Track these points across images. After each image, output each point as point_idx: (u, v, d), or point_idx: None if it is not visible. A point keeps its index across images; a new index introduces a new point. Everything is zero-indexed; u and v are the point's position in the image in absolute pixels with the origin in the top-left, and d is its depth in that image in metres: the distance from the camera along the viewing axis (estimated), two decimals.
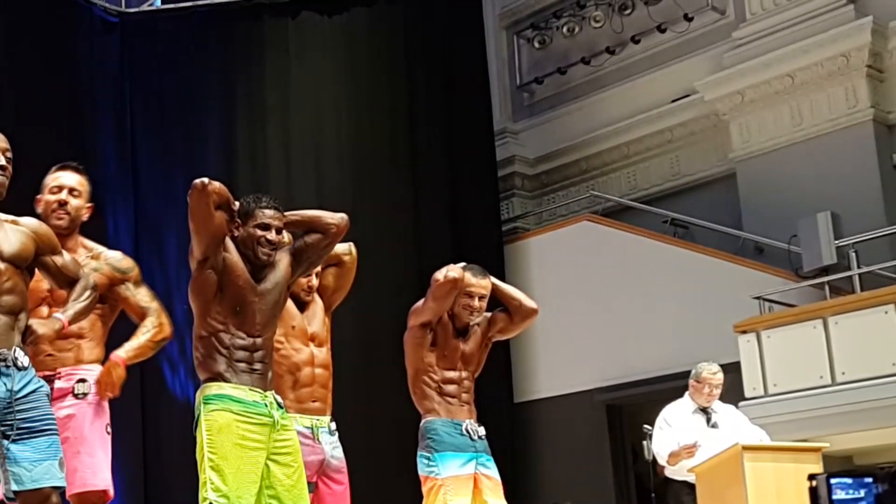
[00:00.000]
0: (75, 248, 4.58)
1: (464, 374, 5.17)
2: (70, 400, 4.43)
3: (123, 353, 4.41)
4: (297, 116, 10.12)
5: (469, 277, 5.10)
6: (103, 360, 4.55)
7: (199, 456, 4.17)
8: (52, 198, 4.56)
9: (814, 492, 5.44)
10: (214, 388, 4.21)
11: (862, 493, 4.90)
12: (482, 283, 5.14)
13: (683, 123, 12.22)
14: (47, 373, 4.33)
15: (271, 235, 4.31)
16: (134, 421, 8.81)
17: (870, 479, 4.97)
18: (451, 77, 11.43)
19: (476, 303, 5.13)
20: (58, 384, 4.39)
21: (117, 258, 4.67)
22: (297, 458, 4.36)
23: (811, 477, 5.25)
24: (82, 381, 4.47)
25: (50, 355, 4.40)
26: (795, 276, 10.23)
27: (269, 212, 4.33)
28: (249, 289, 4.29)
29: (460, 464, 5.05)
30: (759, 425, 7.42)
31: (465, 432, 5.08)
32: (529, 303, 5.26)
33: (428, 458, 5.07)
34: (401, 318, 5.29)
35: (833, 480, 4.82)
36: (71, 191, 4.60)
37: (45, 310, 4.36)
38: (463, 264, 5.20)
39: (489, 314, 5.27)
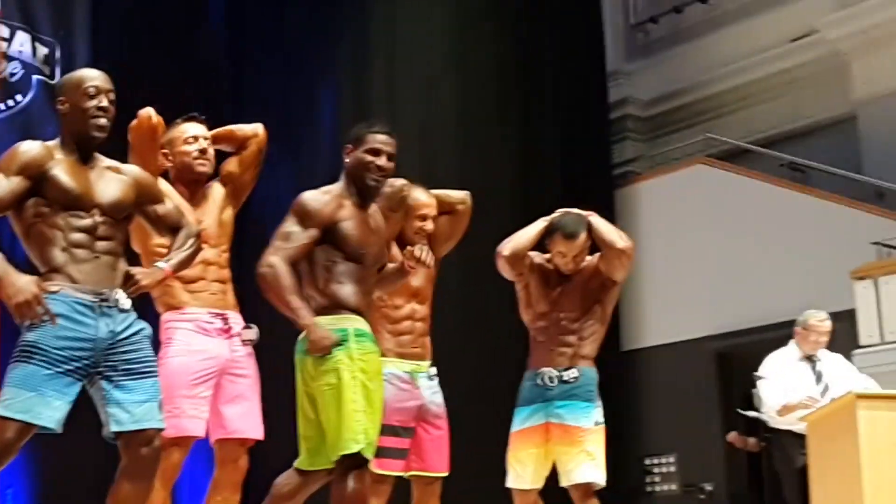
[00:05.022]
0: (208, 197, 4.66)
1: (562, 314, 5.02)
2: (236, 342, 4.52)
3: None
4: (403, 58, 10.03)
5: (558, 237, 4.98)
6: None
7: (346, 387, 3.93)
8: (191, 148, 4.59)
9: None
10: (361, 324, 4.07)
11: None
12: (575, 244, 4.97)
13: (803, 63, 11.90)
14: (219, 311, 4.48)
15: (382, 161, 4.17)
16: None
17: None
18: (563, 17, 11.21)
19: (569, 260, 5.01)
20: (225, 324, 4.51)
21: None
22: None
23: None
24: (249, 327, 4.58)
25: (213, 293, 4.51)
26: None
27: (380, 136, 4.19)
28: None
29: (524, 418, 4.99)
30: (874, 374, 7.25)
31: (540, 382, 4.96)
32: (618, 243, 4.99)
33: None
34: None
35: None
36: (206, 139, 4.65)
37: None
38: (562, 211, 5.10)
39: (596, 255, 5.10)
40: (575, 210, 5.08)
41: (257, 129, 4.82)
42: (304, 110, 9.42)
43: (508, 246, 5.03)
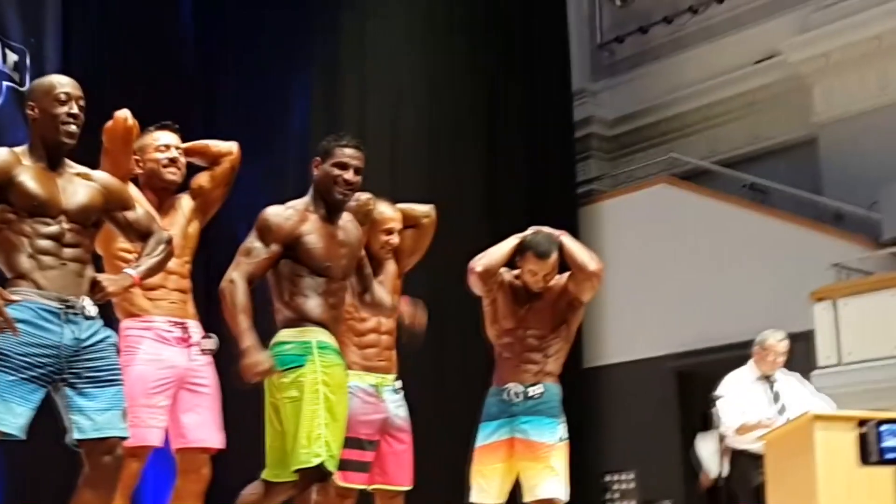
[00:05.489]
0: (176, 208, 4.64)
1: (528, 332, 5.02)
2: (196, 351, 4.51)
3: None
4: (371, 73, 10.06)
5: (530, 255, 4.97)
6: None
7: (308, 399, 3.94)
8: (162, 156, 4.57)
9: (863, 438, 5.36)
10: (325, 336, 4.07)
11: None
12: (547, 263, 4.96)
13: (766, 86, 12.07)
14: (178, 320, 4.47)
15: (348, 175, 4.16)
16: None
17: None
18: (530, 35, 11.31)
19: (539, 278, 5.01)
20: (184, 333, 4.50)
21: None
22: None
23: (861, 423, 5.17)
24: (208, 336, 4.56)
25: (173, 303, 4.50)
26: (875, 244, 10.05)
27: (348, 150, 4.18)
28: None
29: (489, 433, 4.99)
30: (832, 395, 7.32)
31: (506, 398, 4.96)
32: (590, 265, 4.98)
33: None
34: None
35: (883, 427, 4.71)
36: (177, 149, 4.63)
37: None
38: (534, 229, 5.10)
39: (564, 275, 5.08)
40: (547, 229, 5.08)
41: (232, 147, 4.81)
42: (275, 118, 9.42)
43: (481, 262, 5.01)
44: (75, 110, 3.76)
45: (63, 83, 3.80)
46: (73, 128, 3.76)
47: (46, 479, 6.57)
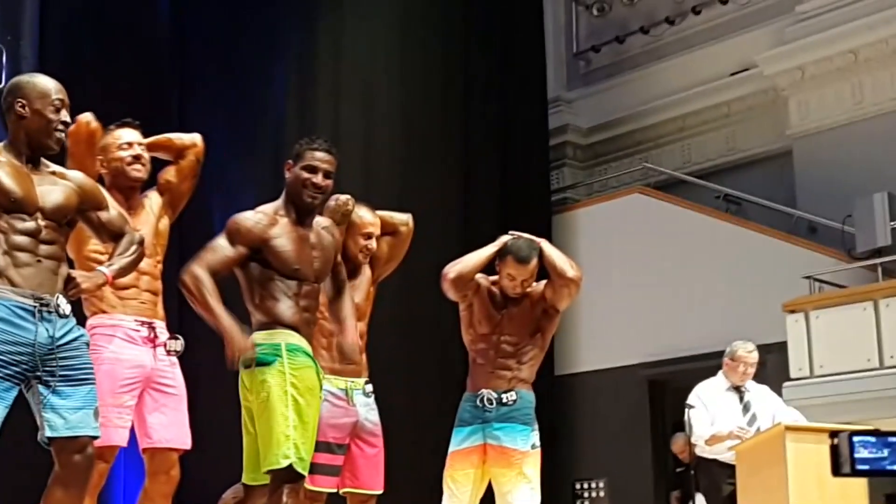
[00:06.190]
0: (145, 206, 4.62)
1: (502, 338, 5.02)
2: (162, 351, 4.51)
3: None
4: (348, 76, 10.07)
5: (510, 260, 4.97)
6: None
7: (277, 401, 3.97)
8: (125, 154, 4.56)
9: (835, 449, 5.40)
10: (295, 339, 4.09)
11: (886, 452, 4.79)
12: (527, 268, 4.96)
13: (741, 98, 12.11)
14: (146, 320, 4.46)
15: (317, 179, 4.19)
16: None
17: (894, 439, 4.88)
18: (506, 43, 11.34)
19: (517, 283, 5.00)
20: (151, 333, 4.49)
21: None
22: None
23: (833, 435, 5.22)
24: (175, 338, 4.56)
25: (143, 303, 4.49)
26: (848, 257, 10.09)
27: (319, 154, 4.22)
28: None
29: (462, 438, 4.99)
30: (803, 407, 7.36)
31: (479, 404, 4.96)
32: (569, 272, 4.99)
33: None
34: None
35: (856, 438, 4.74)
36: (140, 146, 4.63)
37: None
38: (514, 234, 5.09)
39: (541, 283, 5.10)
40: (527, 235, 5.08)
41: (196, 138, 4.81)
42: (252, 118, 9.43)
43: (455, 268, 5.00)
44: (68, 119, 3.83)
45: (58, 89, 3.84)
46: (63, 136, 3.84)
47: (17, 476, 6.55)
